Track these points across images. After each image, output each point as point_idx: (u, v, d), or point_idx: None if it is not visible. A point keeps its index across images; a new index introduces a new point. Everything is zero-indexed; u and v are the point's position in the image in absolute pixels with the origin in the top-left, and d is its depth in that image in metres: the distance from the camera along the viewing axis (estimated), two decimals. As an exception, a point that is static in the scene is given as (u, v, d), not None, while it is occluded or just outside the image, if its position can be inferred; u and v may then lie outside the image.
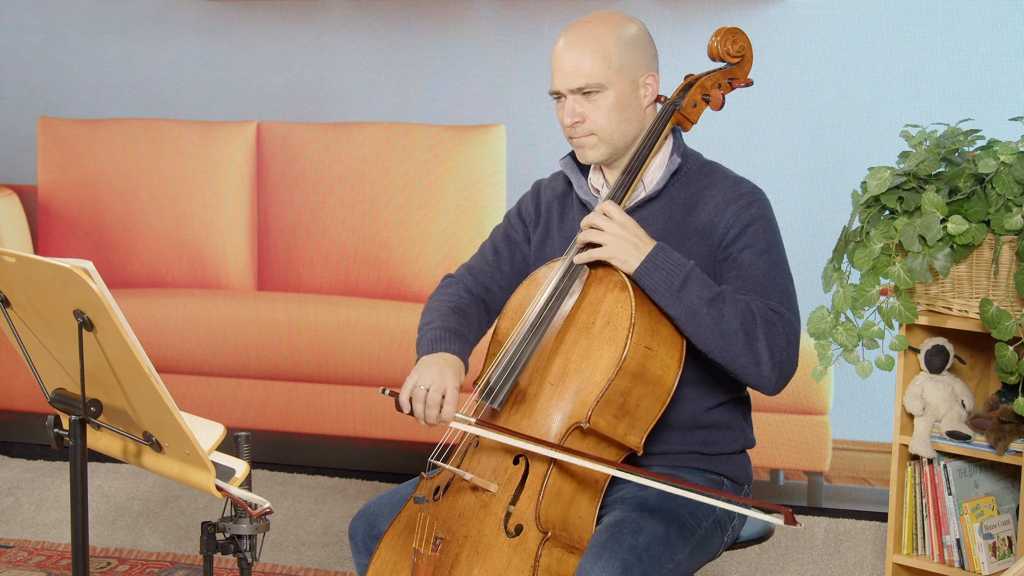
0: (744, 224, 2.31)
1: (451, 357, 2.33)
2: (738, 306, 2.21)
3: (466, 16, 4.24)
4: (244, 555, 2.06)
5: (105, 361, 1.92)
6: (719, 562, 3.55)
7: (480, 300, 2.49)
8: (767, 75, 3.87)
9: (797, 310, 2.32)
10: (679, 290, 2.20)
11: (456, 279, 2.53)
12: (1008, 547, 2.82)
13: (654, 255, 2.22)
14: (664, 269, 2.21)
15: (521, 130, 4.22)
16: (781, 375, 2.25)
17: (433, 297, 2.50)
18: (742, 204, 2.33)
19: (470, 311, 2.46)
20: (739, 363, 2.22)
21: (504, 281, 2.51)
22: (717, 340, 2.21)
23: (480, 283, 2.51)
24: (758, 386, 2.26)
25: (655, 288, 2.21)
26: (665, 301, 2.21)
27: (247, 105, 4.47)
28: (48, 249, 4.67)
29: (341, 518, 4.04)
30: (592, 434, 2.19)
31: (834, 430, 3.99)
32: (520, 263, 2.52)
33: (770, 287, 2.28)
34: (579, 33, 2.34)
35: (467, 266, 2.55)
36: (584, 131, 2.34)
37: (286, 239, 4.50)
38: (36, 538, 3.88)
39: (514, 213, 2.55)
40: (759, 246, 2.31)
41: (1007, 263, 2.63)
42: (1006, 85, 3.72)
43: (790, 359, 2.25)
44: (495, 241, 2.54)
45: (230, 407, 4.56)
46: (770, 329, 2.22)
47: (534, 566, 2.11)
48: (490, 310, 2.50)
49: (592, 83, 2.31)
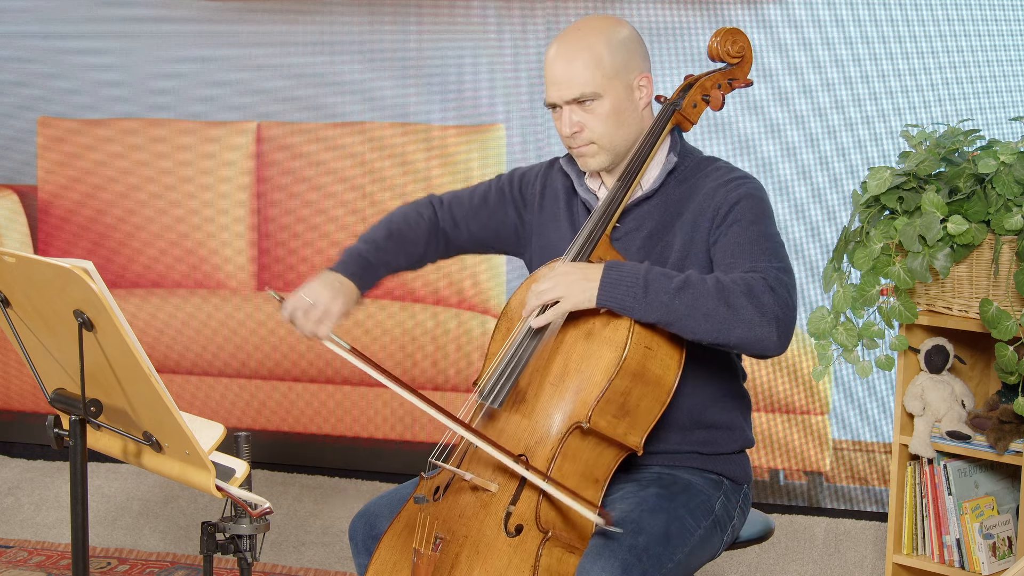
0: (732, 203, 2.29)
1: (348, 283, 2.40)
2: (707, 284, 2.15)
3: (466, 16, 4.24)
4: (244, 555, 2.06)
5: (105, 361, 1.92)
6: (719, 562, 3.55)
7: (442, 231, 2.55)
8: (767, 75, 3.87)
9: (788, 265, 2.23)
10: (645, 295, 2.15)
11: (432, 202, 2.58)
12: (1008, 547, 2.82)
13: (607, 275, 2.17)
14: (621, 284, 2.16)
15: (521, 130, 4.22)
16: (781, 329, 2.15)
17: (396, 210, 2.56)
18: (731, 187, 2.31)
19: (415, 235, 2.51)
20: (734, 336, 2.14)
21: (476, 227, 2.55)
22: (703, 323, 2.14)
23: (453, 216, 2.55)
24: (763, 350, 2.17)
25: (623, 305, 2.16)
26: (639, 312, 2.15)
27: (247, 105, 4.47)
28: (48, 249, 4.67)
29: (341, 518, 4.04)
30: (592, 434, 2.19)
31: (834, 430, 3.99)
32: (499, 222, 2.54)
33: (758, 252, 2.22)
34: (569, 42, 2.33)
35: (454, 195, 2.59)
36: (584, 140, 2.34)
37: (286, 239, 4.50)
38: (36, 538, 3.88)
39: (517, 177, 2.56)
40: (746, 219, 2.27)
41: (1007, 263, 2.63)
42: (1006, 85, 3.72)
43: (785, 311, 2.16)
44: (490, 188, 2.57)
45: (230, 407, 4.56)
46: (750, 291, 2.14)
47: (534, 566, 2.11)
48: (448, 244, 2.56)
49: (587, 92, 2.30)
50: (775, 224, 2.32)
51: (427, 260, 2.56)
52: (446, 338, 4.36)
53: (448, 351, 4.36)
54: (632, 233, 2.37)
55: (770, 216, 2.31)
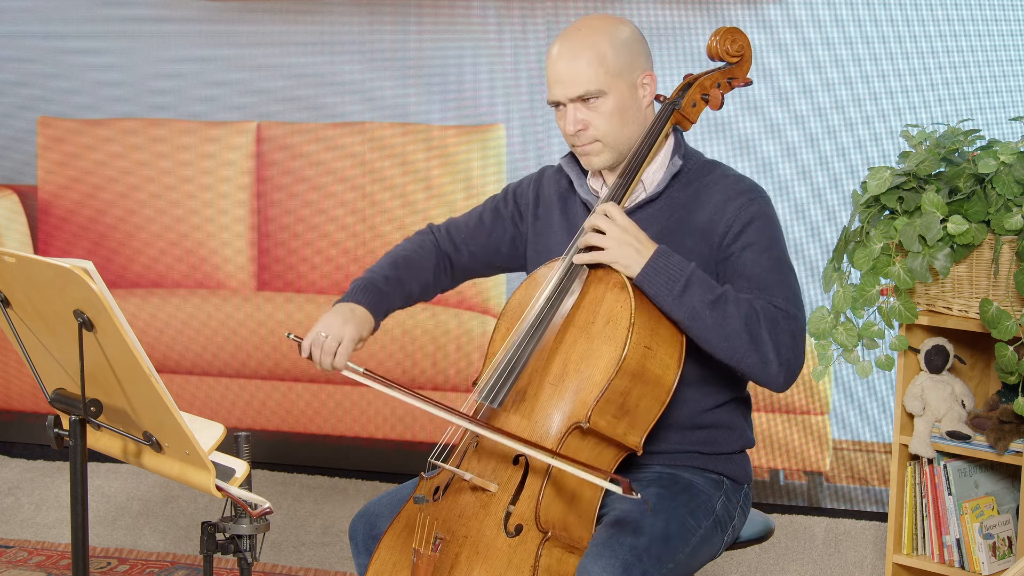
0: (745, 222, 2.31)
1: (360, 310, 2.38)
2: (741, 306, 2.21)
3: (466, 16, 4.24)
4: (244, 555, 2.06)
5: (105, 361, 1.92)
6: (719, 562, 3.55)
7: (445, 255, 2.55)
8: (767, 75, 3.87)
9: (802, 305, 2.31)
10: (681, 294, 2.20)
11: (431, 230, 2.59)
12: (1008, 547, 2.82)
13: (655, 260, 2.22)
14: (665, 274, 2.20)
15: (521, 130, 4.22)
16: (789, 372, 2.24)
17: (399, 244, 2.57)
18: (742, 202, 2.32)
19: (423, 263, 2.52)
20: (746, 363, 2.22)
21: (476, 247, 2.55)
22: (722, 342, 2.20)
23: (452, 240, 2.56)
24: (766, 384, 2.26)
25: (657, 293, 2.21)
26: (668, 306, 2.21)
27: (247, 105, 4.47)
28: (48, 249, 4.67)
29: (341, 518, 4.04)
30: (592, 434, 2.19)
31: (834, 430, 3.99)
32: (498, 238, 2.55)
33: (773, 284, 2.28)
34: (573, 41, 2.33)
35: (452, 220, 2.60)
36: (588, 138, 2.34)
37: (286, 239, 4.50)
38: (36, 538, 3.88)
39: (511, 191, 2.57)
40: (760, 244, 2.30)
41: (1007, 263, 2.63)
42: (1006, 85, 3.72)
43: (796, 356, 2.25)
44: (484, 209, 2.58)
45: (230, 407, 4.56)
46: (774, 327, 2.22)
47: (534, 566, 2.11)
48: (454, 268, 2.56)
49: (591, 90, 2.31)
50: (784, 241, 2.35)
51: (438, 287, 2.56)
52: (446, 338, 4.36)
53: (448, 351, 4.36)
54: (636, 235, 2.37)
55: (781, 236, 2.35)
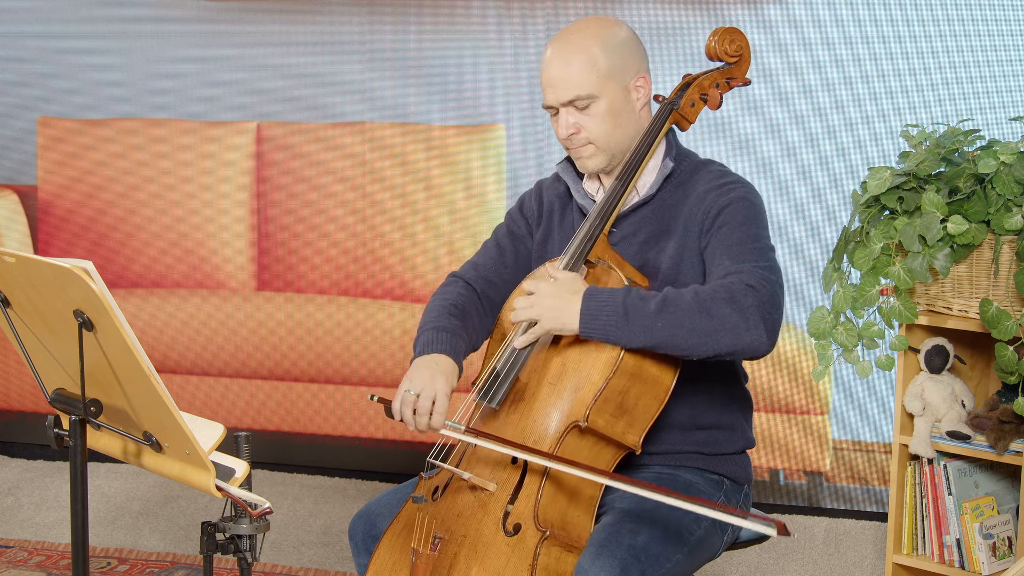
0: (722, 206, 2.28)
1: (443, 359, 2.31)
2: (685, 298, 2.14)
3: (466, 16, 4.24)
4: (244, 555, 2.06)
5: (105, 361, 1.92)
6: (719, 562, 3.55)
7: (483, 295, 2.48)
8: (767, 75, 3.87)
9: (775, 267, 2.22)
10: (626, 323, 2.14)
11: (458, 276, 2.52)
12: (1008, 547, 2.82)
13: (587, 306, 2.15)
14: (602, 314, 2.15)
15: (521, 130, 4.22)
16: (767, 329, 2.14)
17: (433, 297, 2.49)
18: (723, 191, 2.31)
19: (469, 308, 2.44)
20: (723, 344, 2.14)
21: (508, 274, 2.50)
22: (689, 339, 2.13)
23: (483, 277, 2.50)
24: (754, 352, 2.16)
25: (606, 334, 2.15)
26: (623, 339, 2.15)
27: (247, 105, 4.47)
28: (48, 249, 4.67)
29: (341, 518, 4.04)
30: (590, 433, 2.19)
31: (834, 430, 3.99)
32: (524, 256, 2.51)
33: (741, 253, 2.22)
34: (564, 45, 2.33)
35: (471, 262, 2.54)
36: (581, 141, 2.34)
37: (286, 239, 4.50)
38: (36, 538, 3.88)
39: (516, 210, 2.56)
40: (735, 221, 2.26)
41: (1007, 263, 2.63)
42: (1006, 85, 3.72)
43: (769, 311, 2.14)
44: (498, 237, 2.54)
45: (230, 407, 4.56)
46: (731, 296, 2.13)
47: (532, 565, 2.11)
48: (494, 304, 2.49)
49: (583, 94, 2.30)
50: (766, 228, 2.30)
51: (484, 328, 2.47)
52: (446, 338, 4.35)
53: (448, 351, 4.35)
54: (628, 239, 2.37)
55: (760, 220, 2.30)
